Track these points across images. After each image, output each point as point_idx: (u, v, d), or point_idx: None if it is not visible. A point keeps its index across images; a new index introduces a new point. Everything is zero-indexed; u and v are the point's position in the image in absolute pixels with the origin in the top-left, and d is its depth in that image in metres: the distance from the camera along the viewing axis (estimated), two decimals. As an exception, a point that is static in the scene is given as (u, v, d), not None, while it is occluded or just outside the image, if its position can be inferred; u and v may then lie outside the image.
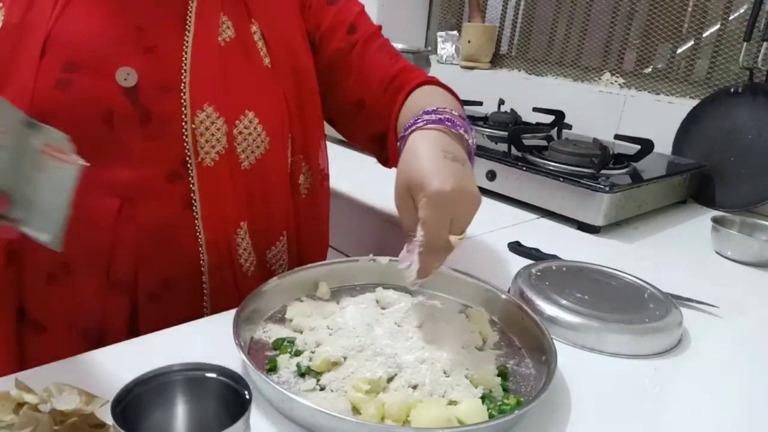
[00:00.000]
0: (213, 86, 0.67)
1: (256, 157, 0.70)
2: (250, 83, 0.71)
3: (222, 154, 0.67)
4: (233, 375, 0.41)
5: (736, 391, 0.61)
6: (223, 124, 0.66)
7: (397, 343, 0.55)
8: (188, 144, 0.65)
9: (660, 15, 1.44)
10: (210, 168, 0.66)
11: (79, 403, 0.37)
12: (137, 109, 0.63)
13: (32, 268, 0.63)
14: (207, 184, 0.66)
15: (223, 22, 0.70)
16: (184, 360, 0.42)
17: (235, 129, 0.67)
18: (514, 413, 0.47)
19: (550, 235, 1.01)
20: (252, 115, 0.69)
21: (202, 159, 0.65)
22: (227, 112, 0.67)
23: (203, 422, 0.42)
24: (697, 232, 1.07)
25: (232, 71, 0.69)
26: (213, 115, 0.66)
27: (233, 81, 0.69)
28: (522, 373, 0.57)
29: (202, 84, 0.66)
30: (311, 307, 0.63)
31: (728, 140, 1.22)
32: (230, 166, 0.68)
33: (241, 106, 0.69)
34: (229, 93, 0.68)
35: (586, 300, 0.68)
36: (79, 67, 0.62)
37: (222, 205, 0.68)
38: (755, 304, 0.83)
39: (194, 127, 0.65)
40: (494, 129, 1.39)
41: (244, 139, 0.68)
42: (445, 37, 1.89)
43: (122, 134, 0.63)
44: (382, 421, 0.47)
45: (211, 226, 0.67)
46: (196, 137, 0.65)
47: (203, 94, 0.66)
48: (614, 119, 1.44)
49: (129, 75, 0.63)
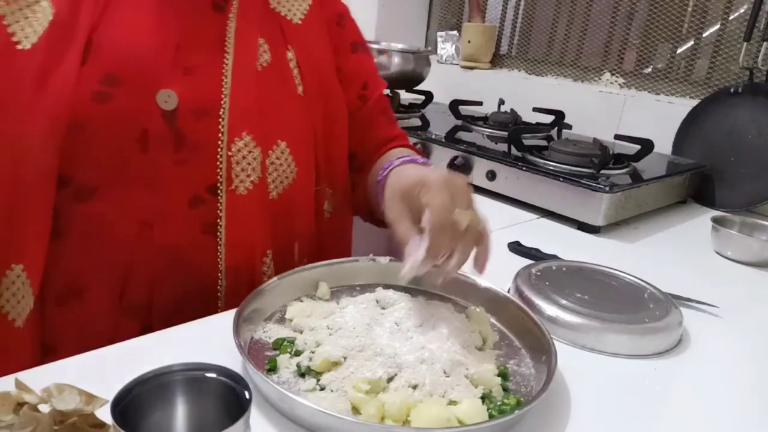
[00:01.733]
0: (252, 113, 0.66)
1: (285, 187, 0.69)
2: (284, 112, 0.70)
3: (255, 183, 0.66)
4: (233, 375, 0.41)
5: (736, 391, 0.61)
6: (259, 153, 0.65)
7: (396, 343, 0.55)
8: (221, 170, 0.63)
9: (660, 15, 1.44)
10: (242, 196, 0.65)
11: (79, 403, 0.37)
12: (173, 132, 0.61)
13: (43, 289, 0.61)
14: (236, 211, 0.65)
15: (261, 46, 0.69)
16: (184, 360, 0.42)
17: (268, 159, 0.67)
18: (514, 413, 0.47)
19: (550, 235, 1.01)
20: (284, 145, 0.68)
21: (236, 187, 0.64)
22: (263, 140, 0.66)
23: (203, 422, 0.42)
24: (697, 232, 1.07)
25: (269, 98, 0.68)
26: (251, 144, 0.65)
27: (269, 108, 0.68)
28: (522, 373, 0.57)
29: (242, 110, 0.65)
30: (311, 307, 0.63)
31: (728, 140, 1.22)
32: (260, 195, 0.67)
33: (276, 135, 0.68)
34: (266, 121, 0.67)
35: (586, 300, 0.68)
36: (119, 82, 0.60)
37: (249, 232, 0.66)
38: (755, 304, 0.83)
39: (230, 155, 0.63)
40: (494, 129, 1.39)
41: (275, 169, 0.68)
42: (445, 37, 1.89)
43: (154, 157, 0.61)
44: (382, 421, 0.47)
45: (235, 252, 0.65)
46: (232, 165, 0.63)
47: (242, 121, 0.64)
48: (614, 119, 1.44)
49: (170, 98, 0.61)
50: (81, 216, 0.61)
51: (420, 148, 1.24)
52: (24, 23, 0.58)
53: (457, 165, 1.17)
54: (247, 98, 0.65)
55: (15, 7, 0.58)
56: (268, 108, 0.67)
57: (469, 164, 1.17)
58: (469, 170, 1.17)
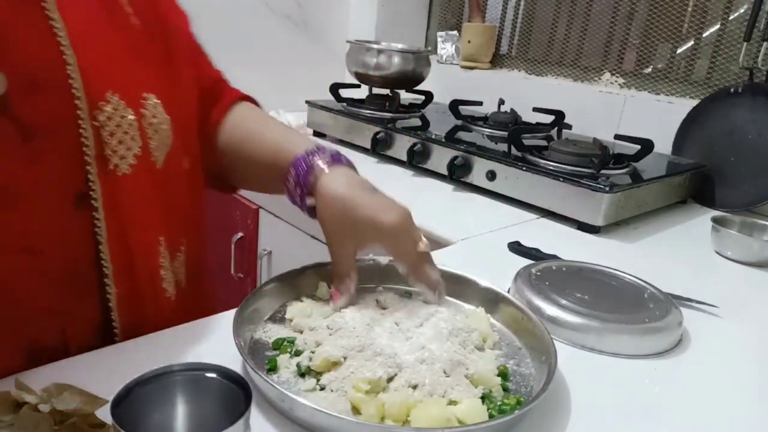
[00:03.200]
0: (107, 66, 0.51)
1: (167, 151, 0.57)
2: (133, 55, 0.55)
3: (138, 156, 0.52)
4: (233, 375, 0.41)
5: (736, 391, 0.61)
6: (134, 117, 0.52)
7: (396, 343, 0.55)
8: (89, 151, 0.49)
9: (660, 15, 1.44)
10: (126, 177, 0.52)
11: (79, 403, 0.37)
12: (11, 123, 0.46)
13: None
14: (121, 197, 0.52)
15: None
16: (184, 360, 0.42)
17: (144, 120, 0.53)
18: (514, 413, 0.47)
19: (550, 235, 1.01)
20: (154, 98, 0.55)
21: (116, 166, 0.51)
22: (131, 99, 0.52)
23: (203, 422, 0.42)
24: (697, 232, 1.07)
25: (112, 42, 0.53)
26: (120, 106, 0.51)
27: (118, 55, 0.53)
28: (522, 372, 0.57)
29: (95, 65, 0.50)
30: (311, 307, 0.63)
31: (728, 140, 1.22)
32: (146, 169, 0.54)
33: (139, 87, 0.54)
34: (124, 71, 0.53)
35: (586, 300, 0.68)
36: None
37: (138, 221, 0.54)
38: (755, 304, 0.83)
39: (98, 126, 0.49)
40: (494, 129, 1.39)
41: (155, 131, 0.54)
42: (445, 37, 1.89)
43: (3, 163, 0.46)
44: (382, 421, 0.47)
45: (123, 251, 0.53)
46: (104, 139, 0.50)
47: (101, 79, 0.50)
48: (614, 119, 1.44)
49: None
50: None
51: (419, 148, 1.24)
52: None
53: (457, 165, 1.17)
54: (95, 48, 0.51)
55: None
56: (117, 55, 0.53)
57: (468, 164, 1.17)
58: (469, 170, 1.17)
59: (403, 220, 0.59)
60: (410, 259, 0.60)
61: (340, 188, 0.60)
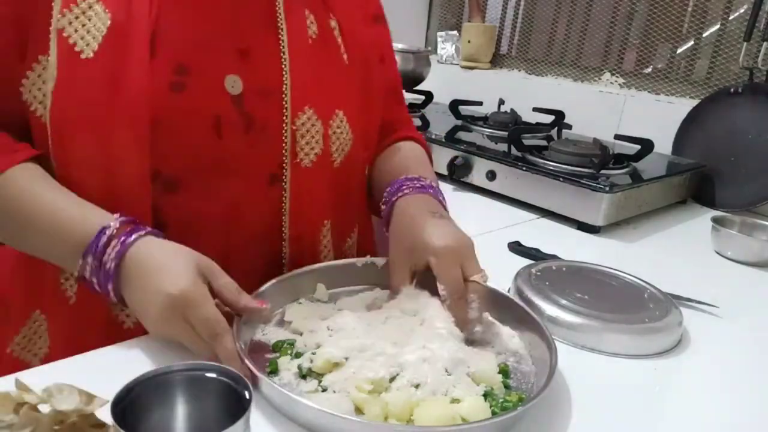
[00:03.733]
0: (311, 87, 0.66)
1: (345, 155, 0.70)
2: (337, 81, 0.71)
3: (319, 155, 0.67)
4: (233, 375, 0.41)
5: (736, 390, 0.61)
6: (321, 126, 0.66)
7: (397, 343, 0.55)
8: (287, 146, 0.65)
9: (660, 15, 1.44)
10: (307, 169, 0.66)
11: (79, 403, 0.37)
12: (242, 116, 0.62)
13: None
14: (301, 184, 0.66)
15: (307, 17, 0.69)
16: (184, 360, 0.42)
17: (330, 129, 0.68)
18: (517, 410, 0.47)
19: (550, 235, 1.01)
20: (342, 114, 0.69)
21: (301, 160, 0.65)
22: (323, 112, 0.67)
23: (203, 422, 0.42)
24: (697, 232, 1.07)
25: (322, 70, 0.69)
26: (313, 117, 0.66)
27: (324, 80, 0.68)
28: (522, 370, 0.57)
29: (302, 85, 0.65)
30: (310, 309, 0.63)
31: (728, 140, 1.22)
32: (324, 165, 0.68)
33: (333, 105, 0.69)
34: (323, 93, 0.68)
35: (586, 300, 0.68)
36: (188, 71, 0.60)
37: (312, 204, 0.68)
38: (755, 304, 0.83)
39: (295, 129, 0.64)
40: (494, 129, 1.39)
41: (337, 138, 0.69)
42: (445, 37, 1.89)
43: (229, 143, 0.62)
44: (386, 421, 0.47)
45: (298, 223, 0.67)
46: (296, 139, 0.65)
47: (303, 96, 0.65)
48: (614, 119, 1.44)
49: (236, 83, 0.62)
50: (173, 208, 0.62)
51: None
52: (82, 31, 0.57)
53: (457, 165, 1.17)
54: (305, 73, 0.66)
55: (71, 17, 0.57)
56: (323, 80, 0.68)
57: (469, 164, 1.17)
58: (469, 170, 1.17)
59: (457, 247, 0.61)
60: (452, 286, 0.60)
61: (411, 209, 0.67)
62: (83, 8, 0.58)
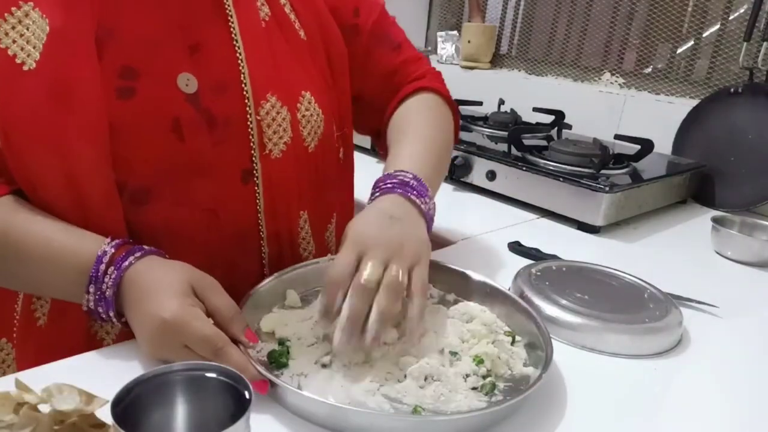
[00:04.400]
0: (270, 73, 0.64)
1: (319, 137, 0.68)
2: (297, 62, 0.67)
3: (289, 144, 0.64)
4: (233, 375, 0.41)
5: (736, 390, 0.61)
6: (287, 112, 0.64)
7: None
8: (254, 139, 0.62)
9: (660, 15, 1.44)
10: (278, 160, 0.64)
11: (79, 403, 0.37)
12: (202, 115, 0.60)
13: None
14: (273, 177, 0.64)
15: (257, 0, 0.66)
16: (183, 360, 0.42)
17: (297, 113, 0.65)
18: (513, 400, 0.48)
19: (550, 235, 1.01)
20: (309, 95, 0.66)
21: (270, 151, 0.63)
22: (287, 97, 0.64)
23: (203, 422, 0.42)
24: (697, 232, 1.07)
25: (279, 52, 0.66)
26: (277, 105, 0.63)
27: (283, 63, 0.66)
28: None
29: (260, 73, 0.63)
30: (285, 316, 0.61)
31: (728, 140, 1.22)
32: (297, 153, 0.65)
33: (297, 88, 0.66)
34: (284, 77, 0.65)
35: (586, 300, 0.68)
36: (138, 74, 0.57)
37: (286, 197, 0.66)
38: (755, 304, 0.83)
39: (260, 120, 0.62)
40: (494, 129, 1.39)
41: (307, 122, 0.66)
42: (445, 37, 1.89)
43: (193, 144, 0.59)
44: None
45: (274, 220, 0.65)
46: (263, 130, 0.62)
47: (263, 84, 0.63)
48: (614, 119, 1.44)
49: (189, 81, 0.59)
50: (146, 218, 0.59)
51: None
52: (21, 41, 0.54)
53: (457, 165, 1.17)
54: (262, 60, 0.63)
55: (7, 27, 0.54)
56: (282, 64, 0.65)
57: (469, 164, 1.17)
58: (469, 170, 1.17)
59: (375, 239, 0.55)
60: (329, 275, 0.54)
61: (376, 205, 0.62)
62: (19, 17, 0.55)
